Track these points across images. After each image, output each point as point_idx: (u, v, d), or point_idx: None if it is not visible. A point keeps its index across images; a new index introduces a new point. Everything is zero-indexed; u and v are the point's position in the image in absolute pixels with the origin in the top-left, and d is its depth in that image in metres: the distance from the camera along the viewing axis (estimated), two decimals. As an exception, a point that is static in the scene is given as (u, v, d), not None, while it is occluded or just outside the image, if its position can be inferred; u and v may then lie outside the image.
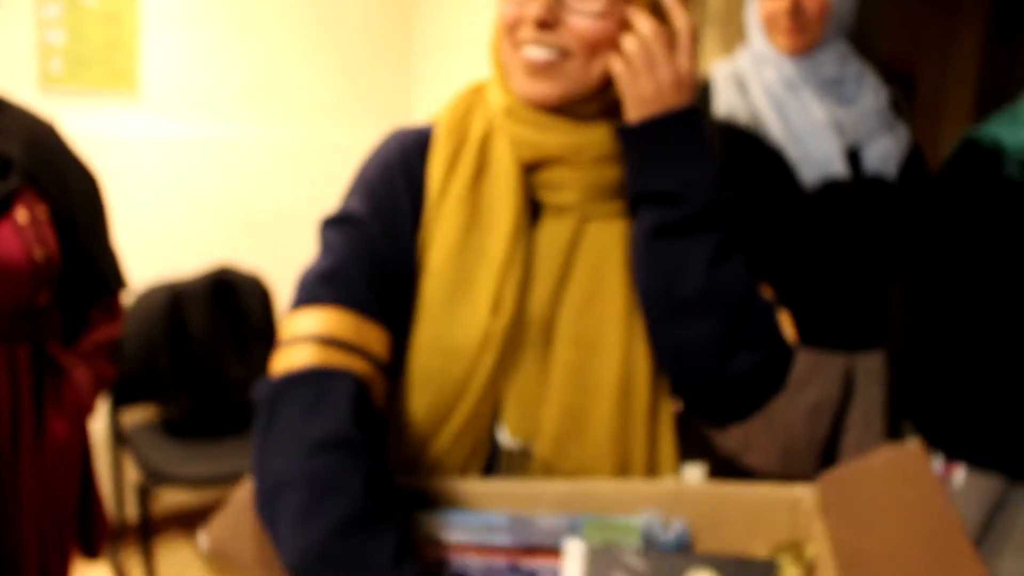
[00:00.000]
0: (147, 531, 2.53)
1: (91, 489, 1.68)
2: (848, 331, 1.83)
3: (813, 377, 1.81)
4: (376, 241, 0.93)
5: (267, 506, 0.79)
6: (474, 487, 0.89)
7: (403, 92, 3.31)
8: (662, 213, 0.91)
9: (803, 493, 0.88)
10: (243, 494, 0.85)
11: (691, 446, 1.12)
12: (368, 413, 0.84)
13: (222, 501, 0.89)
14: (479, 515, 0.87)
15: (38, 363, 1.51)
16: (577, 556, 0.79)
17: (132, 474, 2.68)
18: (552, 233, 0.94)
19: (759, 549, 0.88)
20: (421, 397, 0.92)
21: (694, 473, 0.94)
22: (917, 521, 0.76)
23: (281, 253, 3.03)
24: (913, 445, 0.82)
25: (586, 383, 0.92)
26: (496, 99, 0.97)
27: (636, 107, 0.91)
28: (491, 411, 0.93)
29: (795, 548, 0.86)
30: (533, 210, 0.95)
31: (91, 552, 1.70)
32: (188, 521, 3.06)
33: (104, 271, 1.63)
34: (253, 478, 0.82)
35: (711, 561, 0.76)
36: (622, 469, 0.94)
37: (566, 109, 0.93)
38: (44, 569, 1.57)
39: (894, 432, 2.03)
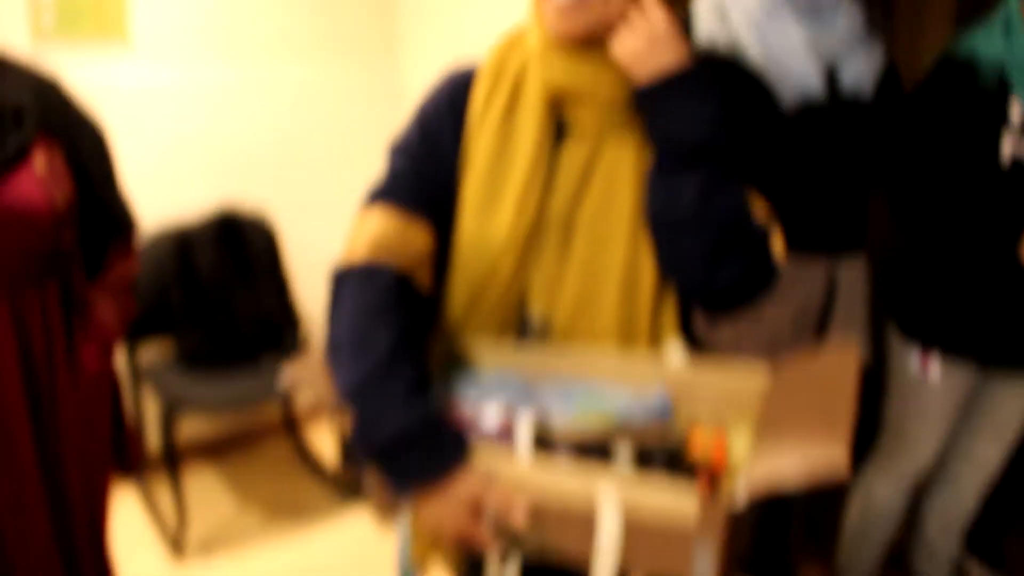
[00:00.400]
0: (172, 456, 2.64)
1: (121, 413, 1.80)
2: (830, 236, 1.93)
3: (797, 281, 1.92)
4: (425, 161, 1.17)
5: (329, 356, 1.08)
6: (502, 349, 1.15)
7: (389, 29, 3.35)
8: (664, 154, 1.10)
9: (764, 377, 1.06)
10: (315, 351, 1.14)
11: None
12: (408, 295, 1.10)
13: (237, 430, 1.12)
14: (494, 377, 1.13)
15: (66, 301, 1.61)
16: (524, 431, 0.98)
17: (151, 407, 2.82)
18: (573, 154, 1.14)
19: (730, 418, 1.07)
20: (462, 281, 1.16)
21: (676, 351, 1.14)
22: (823, 397, 0.93)
23: (282, 190, 3.11)
24: (850, 345, 1.01)
25: (596, 272, 1.14)
26: (532, 38, 1.15)
27: (634, 69, 1.07)
28: (519, 294, 1.16)
29: (756, 420, 1.03)
30: (560, 134, 1.14)
31: (128, 468, 1.84)
32: (207, 451, 3.20)
33: (118, 214, 1.72)
34: (326, 337, 1.11)
35: (629, 440, 0.93)
36: (626, 342, 1.15)
37: (593, 44, 1.09)
38: (90, 491, 1.69)
39: (877, 331, 2.13)
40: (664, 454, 0.92)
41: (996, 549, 2.65)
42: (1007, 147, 1.82)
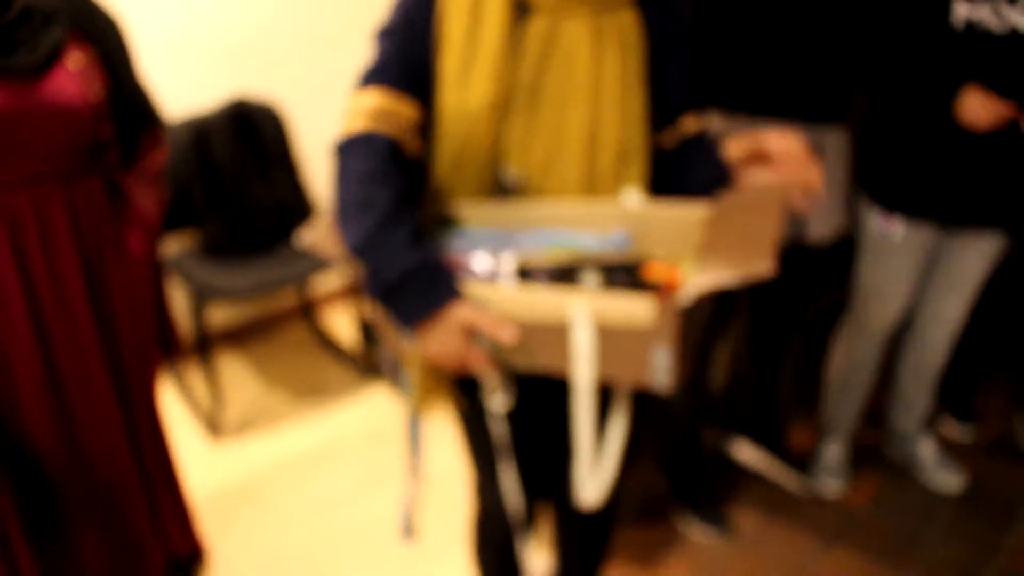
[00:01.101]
0: (205, 343, 2.81)
1: (163, 298, 1.94)
2: (813, 108, 2.06)
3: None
4: (407, 43, 1.28)
5: (338, 217, 1.23)
6: (483, 207, 1.31)
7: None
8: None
9: (706, 207, 1.24)
10: (325, 217, 1.30)
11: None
12: (401, 160, 1.26)
13: (258, 316, 1.27)
14: (481, 229, 1.31)
15: (109, 191, 1.73)
16: (507, 267, 1.17)
17: (178, 298, 2.97)
18: (535, 27, 1.27)
19: (682, 251, 1.26)
20: (445, 148, 1.30)
21: (633, 196, 1.30)
22: (753, 226, 1.11)
23: (291, 78, 3.17)
24: (778, 185, 1.21)
25: (561, 132, 1.29)
26: None
27: None
28: (495, 156, 1.30)
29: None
30: (523, 11, 1.27)
31: (170, 350, 1.99)
32: (232, 338, 3.38)
33: (145, 107, 1.80)
34: (333, 202, 1.25)
35: (594, 265, 1.10)
36: (590, 196, 1.32)
37: None
38: (142, 372, 1.84)
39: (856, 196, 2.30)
40: (625, 276, 1.10)
41: (967, 404, 2.88)
42: (960, 10, 1.95)
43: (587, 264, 1.11)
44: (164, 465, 1.97)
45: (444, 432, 1.45)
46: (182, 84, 2.92)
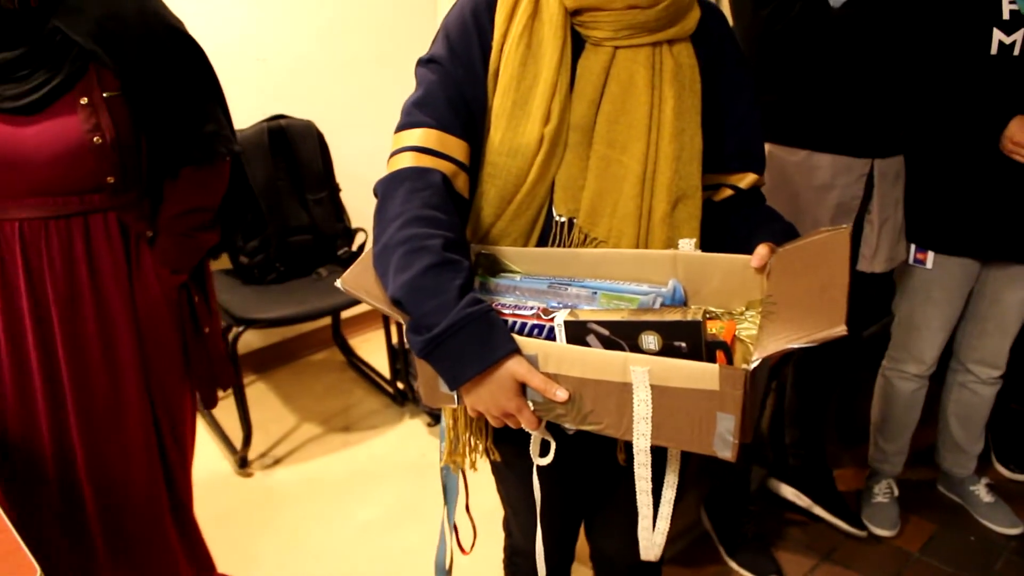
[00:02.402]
0: (237, 373, 2.74)
1: (199, 345, 1.79)
2: (870, 138, 2.01)
3: (837, 179, 2.01)
4: (454, 75, 1.22)
5: (379, 259, 1.13)
6: (528, 252, 1.25)
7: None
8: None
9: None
10: (367, 255, 1.18)
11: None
12: (451, 198, 1.17)
13: (285, 342, 1.15)
14: (531, 278, 1.24)
15: (124, 233, 1.59)
16: (562, 325, 1.07)
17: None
18: (590, 61, 1.21)
19: (736, 305, 1.18)
20: (493, 185, 1.23)
21: (688, 245, 1.23)
22: (821, 279, 1.02)
23: (328, 101, 3.14)
24: (843, 229, 1.10)
25: (615, 173, 1.22)
26: None
27: None
28: (545, 196, 1.24)
29: (761, 303, 1.12)
30: (578, 45, 1.22)
31: (208, 403, 1.89)
32: (261, 362, 3.32)
33: (189, 143, 1.62)
34: (374, 243, 1.15)
35: (654, 325, 1.01)
36: (640, 242, 1.24)
37: None
38: (165, 411, 1.74)
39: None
40: (686, 337, 1.01)
41: (1022, 450, 2.79)
42: (999, 38, 1.92)
43: (645, 325, 1.02)
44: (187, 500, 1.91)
45: (482, 471, 1.39)
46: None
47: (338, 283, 1.18)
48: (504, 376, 1.06)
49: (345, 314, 3.37)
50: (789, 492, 2.52)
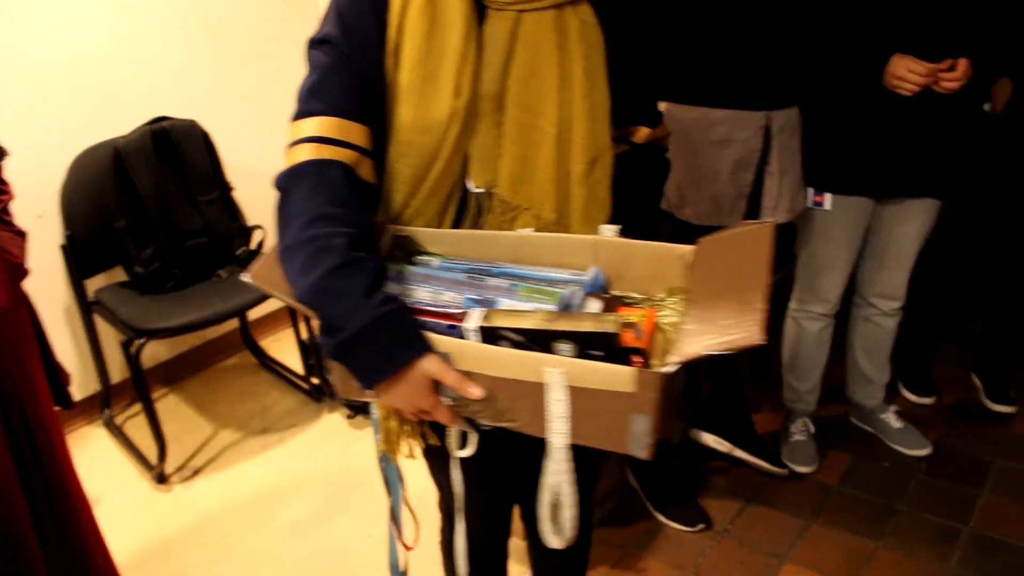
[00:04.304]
0: (143, 388, 2.65)
1: (47, 347, 1.78)
2: (764, 91, 2.03)
3: (735, 134, 2.03)
4: (349, 55, 1.15)
5: (285, 259, 1.10)
6: (448, 234, 1.21)
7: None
8: None
9: (688, 250, 1.15)
10: (273, 249, 1.15)
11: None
12: (356, 189, 1.13)
13: (194, 349, 1.09)
14: (449, 264, 1.20)
15: None
16: (477, 331, 1.04)
17: (107, 338, 2.82)
18: (495, 28, 1.17)
19: (657, 291, 1.17)
20: (405, 164, 1.19)
21: (609, 231, 1.20)
22: (742, 278, 1.03)
23: (215, 100, 3.05)
24: (766, 224, 1.11)
25: (530, 138, 1.19)
26: None
27: None
28: (460, 168, 1.20)
29: (682, 292, 1.13)
30: (480, 13, 1.17)
31: (66, 403, 1.85)
32: (170, 373, 3.21)
33: None
34: (278, 240, 1.12)
35: (569, 335, 1.00)
36: (562, 205, 1.22)
37: None
38: (37, 422, 1.68)
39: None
40: (601, 348, 0.99)
41: (925, 375, 2.89)
42: None
43: (560, 335, 0.99)
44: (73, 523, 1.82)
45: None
46: (101, 110, 2.79)
47: (245, 277, 1.15)
48: (417, 375, 1.05)
49: (253, 316, 3.29)
50: (710, 439, 2.57)
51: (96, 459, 2.77)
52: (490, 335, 1.04)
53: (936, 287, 2.87)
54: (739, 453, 2.53)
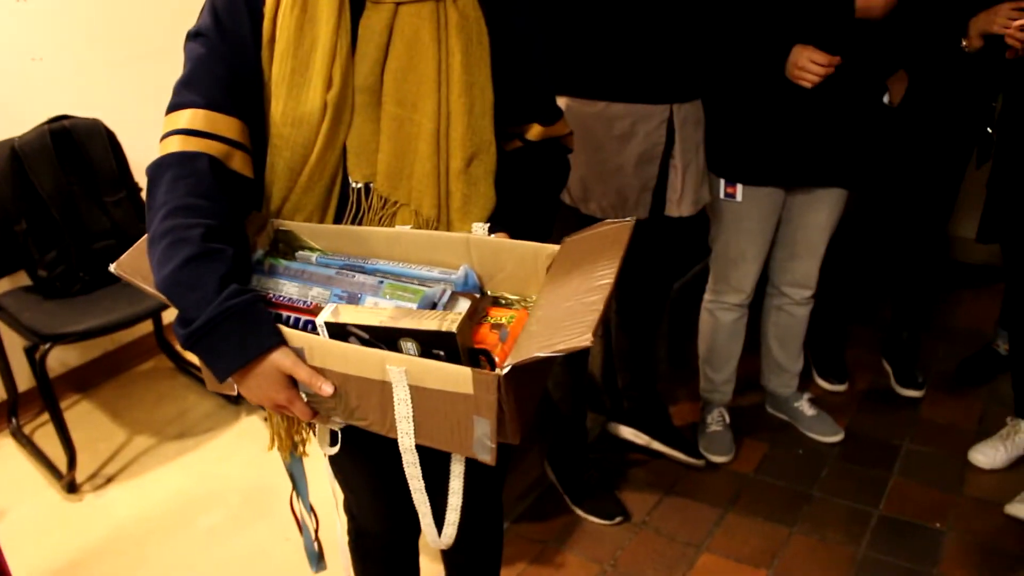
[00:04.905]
0: (49, 394, 2.58)
1: None
2: (666, 84, 2.04)
3: (638, 128, 2.04)
4: (221, 49, 1.15)
5: (148, 251, 1.10)
6: (327, 229, 1.21)
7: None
8: None
9: (555, 249, 1.14)
10: (142, 241, 1.14)
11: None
12: (224, 181, 1.12)
13: (105, 354, 1.08)
14: (325, 260, 1.19)
15: None
16: (323, 326, 1.04)
17: (13, 345, 2.73)
18: (372, 20, 1.16)
19: (531, 291, 1.17)
20: (280, 158, 1.18)
21: (481, 230, 1.20)
22: (590, 278, 1.03)
23: (119, 97, 2.97)
24: (626, 223, 1.12)
25: (408, 132, 1.19)
26: None
27: None
28: (337, 163, 1.19)
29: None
30: (357, 6, 1.16)
31: None
32: (80, 379, 3.12)
33: None
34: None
35: (411, 333, 0.99)
36: (441, 201, 1.22)
37: None
38: None
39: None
40: (442, 349, 0.99)
41: (838, 362, 2.96)
42: None
43: (403, 332, 0.99)
44: None
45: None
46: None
47: (112, 267, 1.13)
48: (269, 368, 1.04)
49: (168, 318, 3.22)
50: (628, 432, 2.59)
51: (2, 471, 2.68)
52: (339, 331, 1.03)
53: (846, 275, 2.94)
54: (656, 445, 2.55)
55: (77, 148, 2.67)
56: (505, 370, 0.93)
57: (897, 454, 2.56)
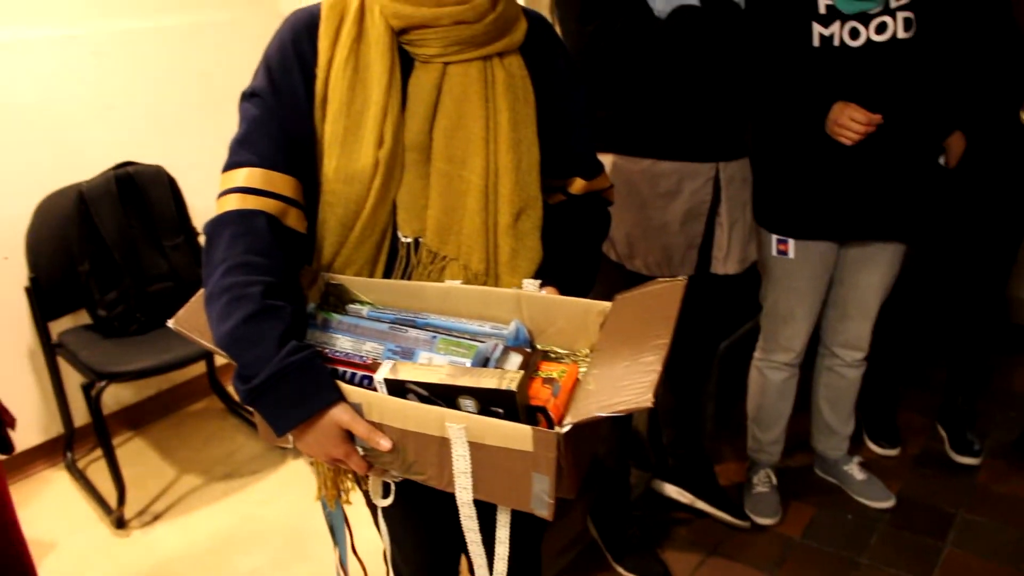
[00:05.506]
0: (103, 431, 2.62)
1: None
2: (711, 143, 2.04)
3: (684, 185, 2.04)
4: (276, 108, 1.19)
5: (206, 306, 1.12)
6: (378, 283, 1.23)
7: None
8: None
9: (606, 307, 1.15)
10: (198, 296, 1.17)
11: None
12: (280, 238, 1.15)
13: (159, 393, 1.10)
14: (376, 313, 1.21)
15: None
16: (382, 383, 1.06)
17: (71, 381, 2.79)
18: (421, 79, 1.20)
19: (581, 346, 1.18)
20: (332, 214, 1.21)
21: (532, 286, 1.22)
22: (645, 339, 1.03)
23: (177, 143, 3.06)
24: (678, 282, 1.12)
25: (457, 188, 1.22)
26: None
27: None
28: (388, 218, 1.22)
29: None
30: (407, 64, 1.20)
31: (5, 448, 1.82)
32: (133, 417, 3.19)
33: None
34: (203, 287, 1.14)
35: (471, 391, 1.00)
36: (490, 256, 1.24)
37: None
38: None
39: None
40: (501, 406, 1.00)
41: (890, 426, 2.89)
42: (819, 30, 2.01)
43: (462, 390, 1.00)
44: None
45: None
46: (67, 154, 2.80)
47: (169, 323, 1.16)
48: (328, 424, 1.06)
49: (221, 360, 3.27)
50: (672, 490, 2.55)
51: (56, 503, 2.74)
52: (397, 388, 1.05)
53: (900, 336, 2.88)
54: (701, 505, 2.51)
55: (140, 193, 2.76)
56: (565, 429, 0.94)
57: (951, 523, 2.47)
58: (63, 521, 2.64)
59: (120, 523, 2.61)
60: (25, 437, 2.83)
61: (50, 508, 2.70)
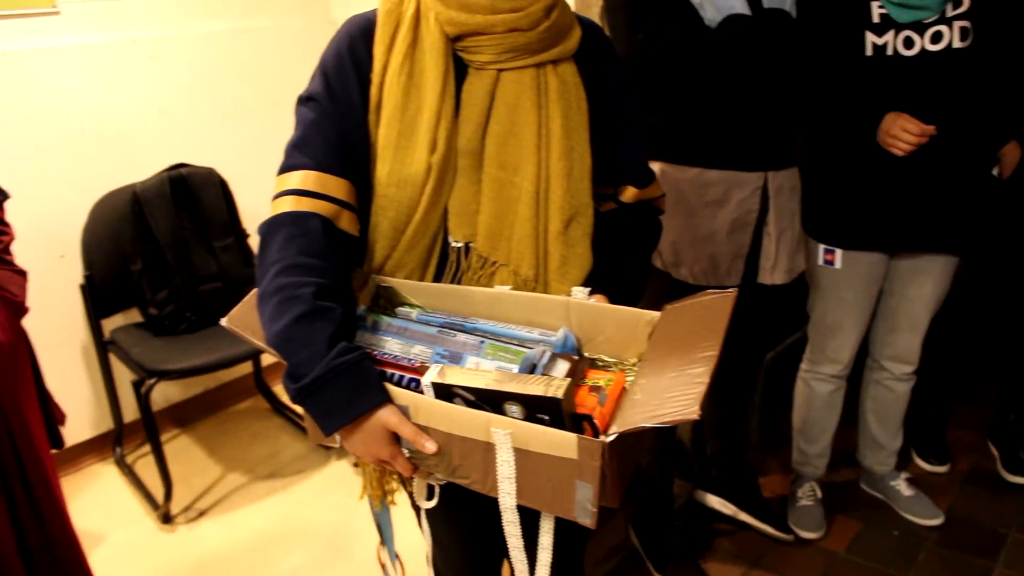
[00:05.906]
0: (152, 428, 2.67)
1: (43, 385, 1.84)
2: (760, 152, 2.02)
3: (731, 195, 2.02)
4: (332, 112, 1.20)
5: (259, 306, 1.14)
6: (428, 287, 1.25)
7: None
8: None
9: (655, 316, 1.15)
10: (251, 296, 1.19)
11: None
12: (334, 240, 1.16)
13: (206, 391, 1.12)
14: (425, 317, 1.22)
15: None
16: (429, 386, 1.07)
17: (122, 378, 2.86)
18: (475, 86, 1.21)
19: (629, 355, 1.18)
20: (384, 217, 1.22)
21: (582, 294, 1.21)
22: (694, 350, 1.03)
23: (229, 146, 3.11)
24: (728, 294, 1.11)
25: (508, 194, 1.22)
26: None
27: None
28: (439, 223, 1.23)
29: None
30: (460, 71, 1.21)
31: (56, 443, 1.88)
32: (181, 414, 3.24)
33: None
34: (257, 287, 1.17)
35: (516, 397, 1.01)
36: (540, 262, 1.25)
37: None
38: (31, 457, 1.69)
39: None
40: (547, 413, 1.00)
41: (939, 443, 2.83)
42: (872, 39, 1.98)
43: (508, 396, 1.01)
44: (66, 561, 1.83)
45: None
46: (119, 156, 2.85)
47: (223, 321, 1.19)
48: (375, 425, 1.07)
49: (267, 360, 3.32)
50: (715, 501, 2.53)
51: (104, 496, 2.80)
52: (444, 391, 1.06)
53: (951, 350, 2.82)
54: (744, 516, 2.48)
55: (192, 195, 2.81)
56: (611, 438, 0.94)
57: (1003, 543, 2.42)
58: (111, 514, 2.69)
59: (166, 518, 2.65)
60: (76, 432, 2.89)
61: (99, 501, 2.76)
